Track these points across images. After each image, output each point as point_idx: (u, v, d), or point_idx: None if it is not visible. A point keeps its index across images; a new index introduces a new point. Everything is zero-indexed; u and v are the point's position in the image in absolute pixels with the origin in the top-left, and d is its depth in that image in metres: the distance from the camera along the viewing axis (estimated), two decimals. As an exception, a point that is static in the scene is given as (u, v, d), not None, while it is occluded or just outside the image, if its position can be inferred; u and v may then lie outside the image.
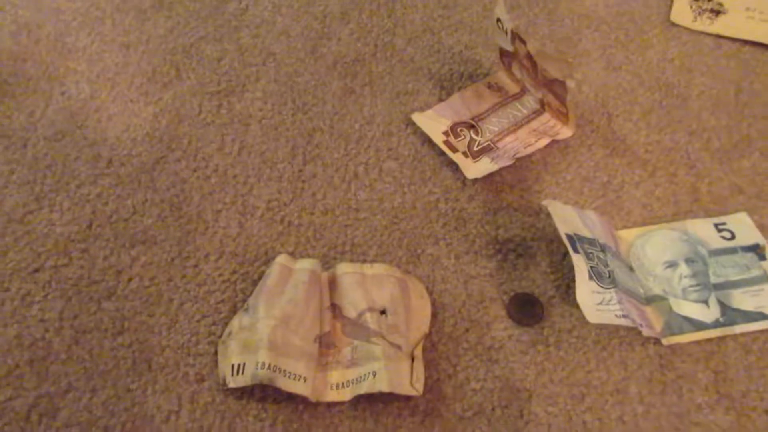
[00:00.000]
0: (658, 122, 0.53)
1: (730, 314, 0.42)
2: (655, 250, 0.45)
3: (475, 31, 0.58)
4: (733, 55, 0.57)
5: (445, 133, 0.51)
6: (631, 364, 0.41)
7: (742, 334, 0.42)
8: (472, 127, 0.51)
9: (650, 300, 0.43)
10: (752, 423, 0.39)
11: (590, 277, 0.39)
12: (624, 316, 0.38)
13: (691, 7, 0.60)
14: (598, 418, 0.39)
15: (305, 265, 0.41)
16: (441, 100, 0.53)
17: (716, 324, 0.42)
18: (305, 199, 0.48)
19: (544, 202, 0.42)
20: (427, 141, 0.51)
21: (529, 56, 0.47)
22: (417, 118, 0.51)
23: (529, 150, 0.49)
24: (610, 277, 0.40)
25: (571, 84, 0.45)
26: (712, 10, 0.60)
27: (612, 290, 0.40)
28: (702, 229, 0.46)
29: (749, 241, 0.45)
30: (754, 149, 0.52)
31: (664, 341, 0.41)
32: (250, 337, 0.38)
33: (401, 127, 0.52)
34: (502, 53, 0.52)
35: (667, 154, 0.51)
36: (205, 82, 0.53)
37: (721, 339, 0.42)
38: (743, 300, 0.43)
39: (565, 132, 0.51)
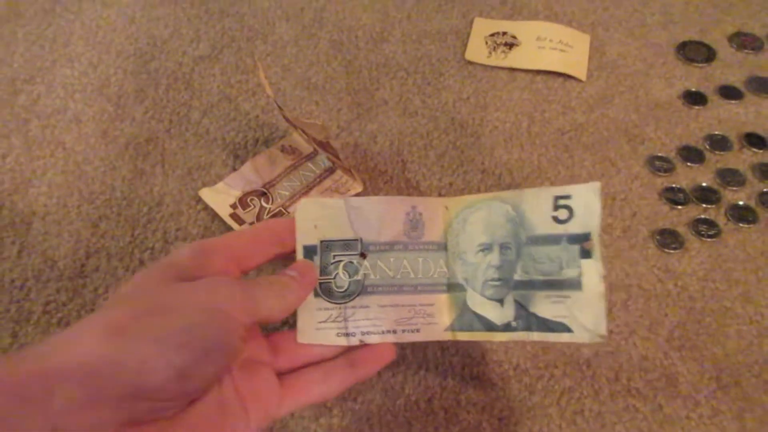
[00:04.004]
0: (451, 163, 0.53)
1: (526, 319, 0.36)
2: (476, 227, 0.38)
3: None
4: (526, 87, 0.58)
5: (233, 206, 0.50)
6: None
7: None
8: (264, 194, 0.50)
9: (451, 288, 0.38)
10: None
11: (316, 294, 0.37)
12: (346, 335, 0.36)
13: (486, 42, 0.61)
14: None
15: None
16: (234, 170, 0.52)
17: (507, 327, 0.37)
18: (86, 296, 0.46)
19: (299, 203, 0.38)
20: (218, 216, 0.50)
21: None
22: (204, 193, 0.50)
23: (317, 212, 0.49)
24: (347, 289, 0.37)
25: (335, 144, 0.45)
26: (506, 44, 0.61)
27: (343, 306, 0.37)
28: (538, 202, 0.37)
29: (581, 229, 0.36)
30: (544, 179, 0.52)
31: (450, 335, 0.38)
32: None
33: (192, 204, 0.51)
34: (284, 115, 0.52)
35: (459, 195, 0.51)
36: (-14, 183, 0.51)
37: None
38: (544, 306, 0.36)
39: (356, 187, 0.51)
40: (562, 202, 0.36)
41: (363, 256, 0.37)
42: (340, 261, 0.37)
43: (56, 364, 0.25)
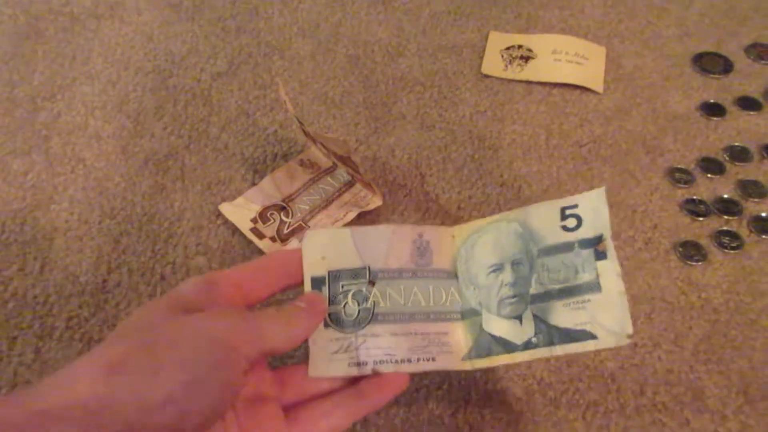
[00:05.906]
0: (470, 176, 0.53)
1: (547, 333, 0.35)
2: (485, 250, 0.38)
3: (290, 108, 0.58)
4: (543, 99, 0.59)
5: (254, 220, 0.50)
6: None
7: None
8: (283, 208, 0.51)
9: (465, 314, 0.37)
10: None
11: (326, 325, 0.36)
12: (358, 364, 0.35)
13: (502, 56, 0.61)
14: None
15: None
16: (254, 184, 0.53)
17: (528, 345, 0.35)
18: (108, 311, 0.46)
19: (305, 234, 0.37)
20: (238, 230, 0.50)
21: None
22: (224, 208, 0.51)
23: (338, 225, 0.49)
24: (357, 317, 0.36)
25: (356, 159, 0.45)
26: (522, 57, 0.61)
27: (353, 334, 0.36)
28: (545, 216, 0.37)
29: (592, 232, 0.35)
30: (564, 192, 0.52)
31: (468, 365, 0.37)
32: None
33: (212, 219, 0.51)
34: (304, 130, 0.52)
35: (478, 207, 0.51)
36: (9, 199, 0.52)
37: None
38: (563, 315, 0.35)
39: (375, 201, 0.51)
40: (569, 212, 0.36)
41: (371, 283, 0.37)
42: (349, 290, 0.37)
43: (54, 405, 0.25)
